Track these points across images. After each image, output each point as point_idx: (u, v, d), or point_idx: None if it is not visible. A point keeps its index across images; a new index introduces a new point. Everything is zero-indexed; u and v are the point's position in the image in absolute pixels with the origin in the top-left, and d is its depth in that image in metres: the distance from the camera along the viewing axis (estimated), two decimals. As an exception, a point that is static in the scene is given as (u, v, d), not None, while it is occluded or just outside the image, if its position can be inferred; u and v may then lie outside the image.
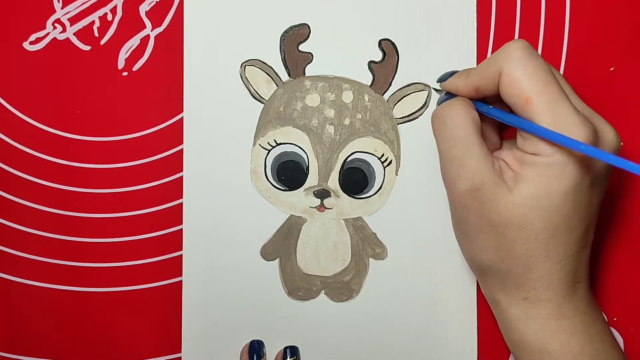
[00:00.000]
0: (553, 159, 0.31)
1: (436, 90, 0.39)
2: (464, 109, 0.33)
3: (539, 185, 0.31)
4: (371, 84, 0.39)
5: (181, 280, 0.40)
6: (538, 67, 0.31)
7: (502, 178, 0.32)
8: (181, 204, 0.40)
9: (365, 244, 0.40)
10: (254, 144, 0.40)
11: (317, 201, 0.40)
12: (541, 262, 0.32)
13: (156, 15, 0.40)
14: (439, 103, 0.37)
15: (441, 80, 0.37)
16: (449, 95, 0.36)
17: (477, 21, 0.40)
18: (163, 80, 0.40)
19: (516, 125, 0.32)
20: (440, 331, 0.40)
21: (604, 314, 0.40)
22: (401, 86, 0.39)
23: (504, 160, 0.33)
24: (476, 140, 0.33)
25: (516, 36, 0.40)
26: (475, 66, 0.35)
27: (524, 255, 0.32)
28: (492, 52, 0.40)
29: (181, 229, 0.40)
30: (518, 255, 0.32)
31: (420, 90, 0.39)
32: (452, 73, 0.36)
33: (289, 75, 0.40)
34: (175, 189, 0.40)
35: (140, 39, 0.40)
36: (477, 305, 0.40)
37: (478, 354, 0.40)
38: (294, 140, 0.40)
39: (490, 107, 0.34)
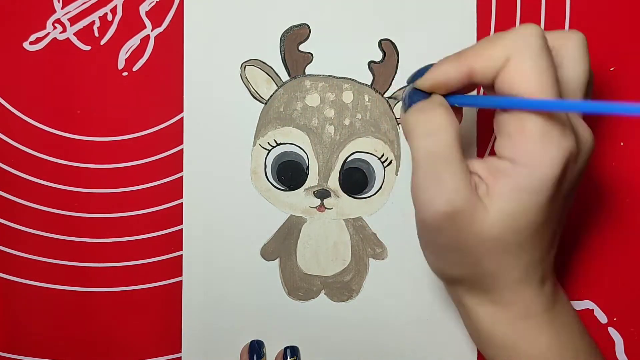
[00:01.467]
0: (529, 170, 0.27)
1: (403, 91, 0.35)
2: (445, 117, 0.29)
3: (514, 203, 0.28)
4: (371, 84, 0.39)
5: (181, 280, 0.40)
6: (550, 62, 0.28)
7: (478, 196, 0.29)
8: (181, 204, 0.40)
9: (365, 244, 0.40)
10: (254, 144, 0.40)
11: (317, 201, 0.40)
12: (509, 271, 0.31)
13: (156, 15, 0.40)
14: (409, 102, 0.30)
15: (417, 76, 0.31)
16: (422, 94, 0.30)
17: (477, 21, 0.40)
18: (163, 80, 0.40)
19: (502, 106, 0.28)
20: (440, 331, 0.40)
21: (604, 315, 0.40)
22: (401, 86, 0.39)
23: (476, 172, 0.29)
24: (458, 155, 0.28)
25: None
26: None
27: (493, 267, 0.30)
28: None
29: (181, 229, 0.40)
30: (487, 268, 0.30)
31: (420, 90, 0.39)
32: (429, 67, 0.30)
33: (289, 75, 0.40)
34: (175, 189, 0.40)
35: (140, 39, 0.40)
36: (477, 305, 0.40)
37: (478, 353, 0.40)
38: (294, 140, 0.40)
39: (464, 95, 0.30)
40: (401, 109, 0.31)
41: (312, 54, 0.39)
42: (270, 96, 0.40)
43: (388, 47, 0.39)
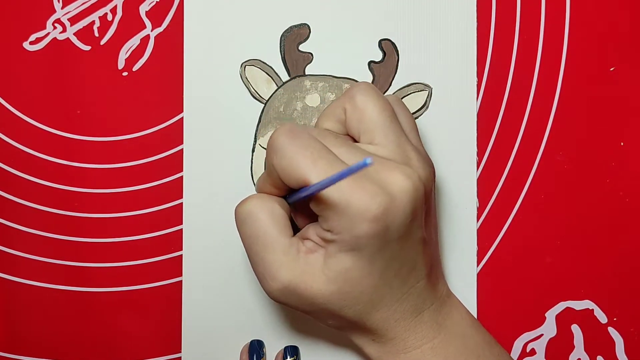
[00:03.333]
0: (344, 235, 0.30)
1: None
2: (259, 202, 0.32)
3: (344, 259, 0.31)
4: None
5: (181, 280, 0.40)
6: (301, 146, 0.30)
7: (309, 262, 0.31)
8: (181, 204, 0.40)
9: (365, 244, 0.40)
10: (254, 144, 0.40)
11: (317, 201, 0.40)
12: (373, 314, 0.33)
13: (156, 15, 0.40)
14: None
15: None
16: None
17: (477, 21, 0.40)
18: (163, 80, 0.40)
19: (304, 197, 0.31)
20: (440, 331, 0.40)
21: (604, 315, 0.40)
22: (401, 86, 0.39)
23: (311, 239, 0.32)
24: (274, 232, 0.32)
25: (516, 36, 0.40)
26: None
27: (355, 316, 0.33)
28: (492, 53, 0.40)
29: (181, 229, 0.40)
30: (350, 318, 0.33)
31: (420, 90, 0.39)
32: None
33: (289, 75, 0.40)
34: (175, 189, 0.40)
35: (140, 39, 0.40)
36: (477, 305, 0.40)
37: (478, 354, 0.40)
38: (294, 140, 0.39)
39: (289, 195, 0.33)
40: None
41: (312, 54, 0.39)
42: (270, 96, 0.40)
43: (388, 47, 0.39)
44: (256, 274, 0.33)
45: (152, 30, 0.40)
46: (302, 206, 0.34)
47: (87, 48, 0.40)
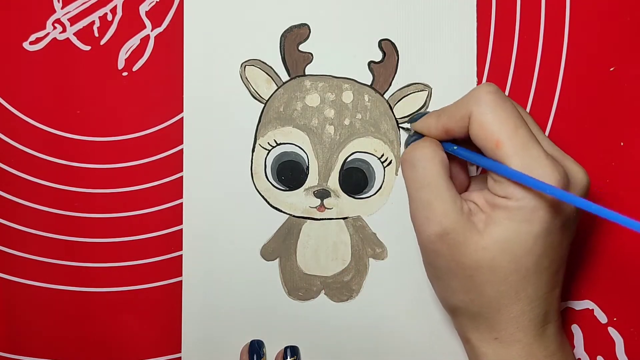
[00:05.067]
0: (523, 203, 0.30)
1: (404, 129, 0.39)
2: (432, 152, 0.33)
3: (509, 229, 0.31)
4: (371, 84, 0.39)
5: (181, 280, 0.40)
6: (507, 110, 0.31)
7: (471, 221, 0.32)
8: (181, 204, 0.40)
9: (365, 244, 0.40)
10: (254, 144, 0.40)
11: (317, 201, 0.40)
12: (511, 304, 0.32)
13: (156, 15, 0.40)
14: (407, 144, 0.36)
15: (413, 120, 0.36)
16: (418, 135, 0.36)
17: (477, 21, 0.40)
18: (163, 80, 0.40)
19: (487, 168, 0.32)
20: (440, 331, 0.40)
21: (604, 315, 0.40)
22: (401, 86, 0.39)
23: (474, 202, 0.33)
24: (445, 183, 0.32)
25: (516, 36, 0.40)
26: (447, 105, 0.34)
27: (494, 297, 0.32)
28: (492, 53, 0.40)
29: (181, 229, 0.40)
30: (488, 297, 0.32)
31: (420, 90, 0.39)
32: (424, 114, 0.36)
33: (289, 75, 0.40)
34: (175, 189, 0.40)
35: (140, 39, 0.40)
36: (477, 305, 0.40)
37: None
38: (294, 140, 0.40)
39: (459, 147, 0.34)
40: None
41: (312, 54, 0.39)
42: (270, 96, 0.40)
43: (388, 47, 0.39)
44: (415, 218, 0.33)
45: (152, 30, 0.40)
46: (457, 159, 0.34)
47: (87, 48, 0.40)
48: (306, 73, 0.39)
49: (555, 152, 0.33)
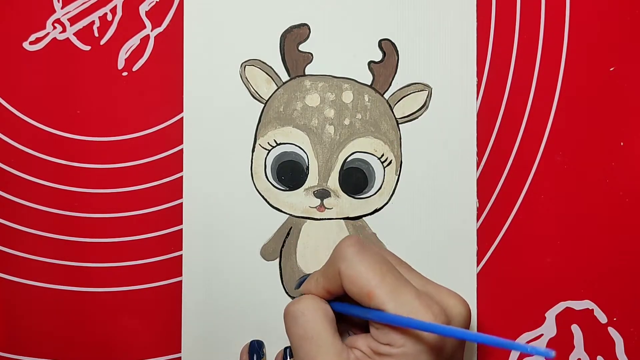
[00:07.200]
0: (406, 349, 0.30)
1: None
2: (314, 303, 0.33)
3: None
4: (371, 84, 0.39)
5: (181, 280, 0.40)
6: (372, 259, 0.31)
7: None
8: (181, 204, 0.40)
9: (365, 244, 0.40)
10: (254, 144, 0.40)
11: (317, 201, 0.40)
12: None
13: (156, 15, 0.40)
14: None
15: (297, 286, 0.37)
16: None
17: (477, 21, 0.40)
18: (163, 80, 0.40)
19: (367, 318, 0.32)
20: (440, 331, 0.40)
21: (604, 315, 0.40)
22: (401, 86, 0.39)
23: (360, 349, 0.32)
24: (329, 335, 0.32)
25: (516, 36, 0.40)
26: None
27: None
28: (492, 53, 0.40)
29: (181, 229, 0.40)
30: None
31: (420, 90, 0.39)
32: (306, 277, 0.36)
33: (289, 75, 0.40)
34: (175, 189, 0.40)
35: (140, 39, 0.40)
36: (477, 305, 0.40)
37: (478, 353, 0.40)
38: (294, 140, 0.40)
39: (337, 303, 0.34)
40: None
41: (312, 54, 0.39)
42: (270, 96, 0.40)
43: (388, 47, 0.39)
44: None
45: (152, 30, 0.40)
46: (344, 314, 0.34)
47: (87, 48, 0.40)
48: (306, 73, 0.39)
49: (429, 287, 0.33)
